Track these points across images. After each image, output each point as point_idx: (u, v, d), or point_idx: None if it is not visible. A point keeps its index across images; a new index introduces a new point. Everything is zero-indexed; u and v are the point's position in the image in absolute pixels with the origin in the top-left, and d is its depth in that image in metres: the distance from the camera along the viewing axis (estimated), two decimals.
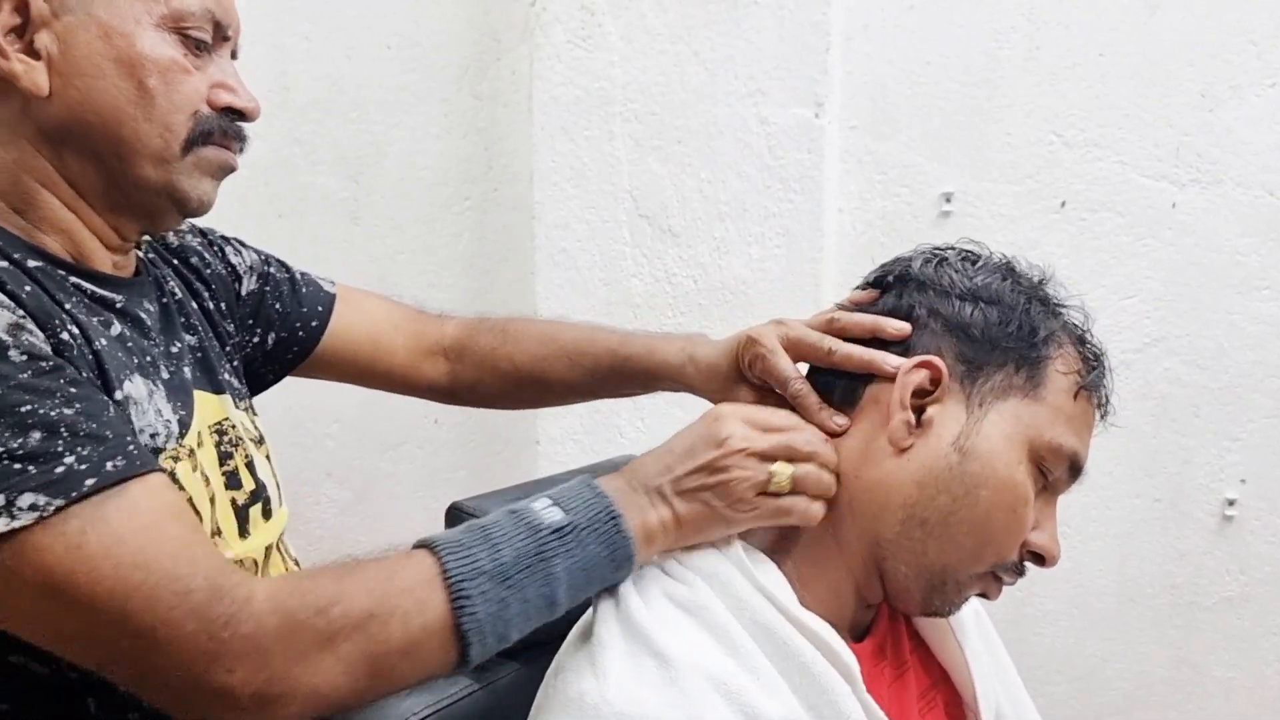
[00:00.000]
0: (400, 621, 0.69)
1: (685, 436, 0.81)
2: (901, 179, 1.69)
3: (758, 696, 0.73)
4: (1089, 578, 1.74)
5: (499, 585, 0.71)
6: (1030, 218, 1.68)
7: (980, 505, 0.80)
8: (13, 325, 0.69)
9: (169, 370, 0.88)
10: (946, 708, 0.92)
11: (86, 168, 0.81)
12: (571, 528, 0.74)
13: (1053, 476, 0.82)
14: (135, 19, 0.79)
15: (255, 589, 0.68)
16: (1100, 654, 1.77)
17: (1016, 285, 0.85)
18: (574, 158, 1.61)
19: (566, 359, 1.08)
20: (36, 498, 0.65)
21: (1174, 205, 1.65)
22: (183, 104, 0.82)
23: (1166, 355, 1.69)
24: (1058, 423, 0.81)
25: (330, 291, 1.12)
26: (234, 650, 0.66)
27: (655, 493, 0.78)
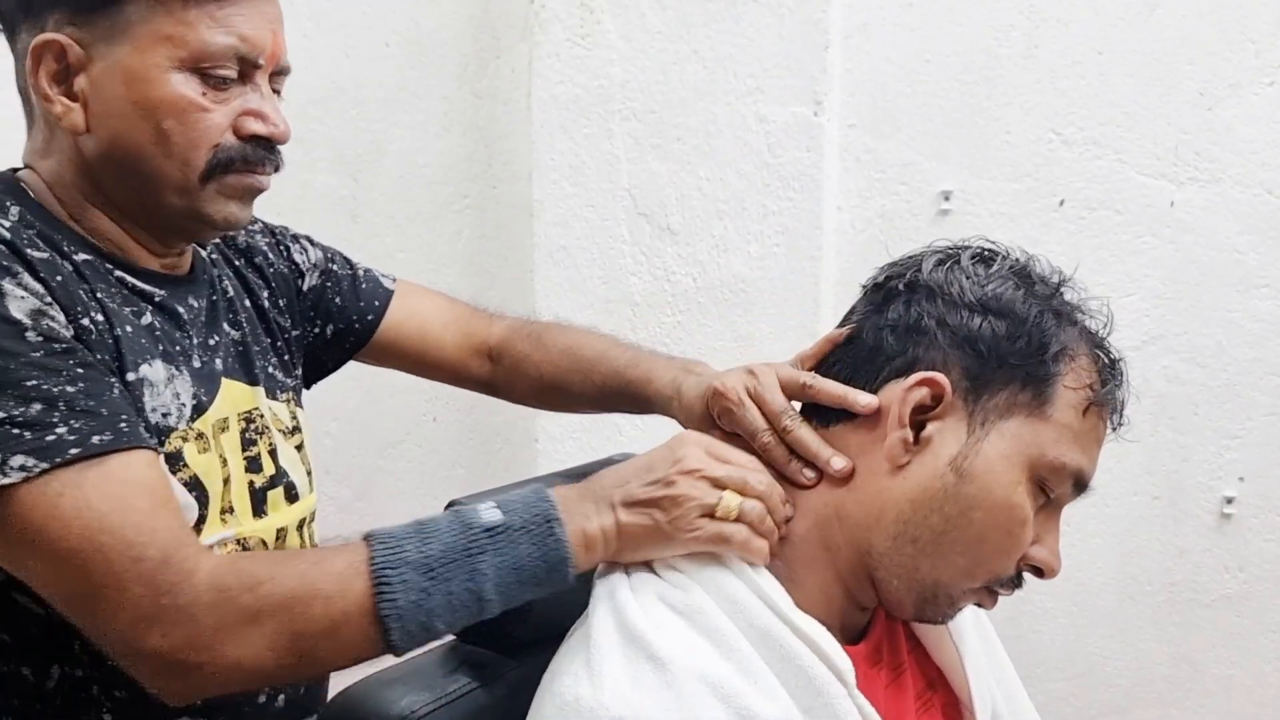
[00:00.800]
0: (322, 603, 0.75)
1: (646, 455, 0.83)
2: (900, 177, 1.69)
3: (755, 699, 0.73)
4: (1088, 575, 1.75)
5: (422, 576, 0.75)
6: (1029, 216, 1.68)
7: (974, 526, 0.79)
8: (35, 310, 0.78)
9: (202, 359, 0.95)
10: (944, 708, 0.92)
11: (123, 193, 0.89)
12: (504, 528, 0.78)
13: (1055, 493, 0.81)
14: (157, 64, 0.85)
15: (201, 564, 0.75)
16: (1100, 651, 1.77)
17: (1030, 294, 0.82)
18: (573, 156, 1.61)
19: (581, 374, 1.14)
20: (26, 460, 0.74)
21: (1172, 203, 1.65)
22: (200, 140, 0.87)
23: (1165, 353, 1.69)
24: (1063, 441, 0.79)
25: (389, 288, 1.20)
26: (170, 617, 0.74)
27: (604, 501, 0.81)
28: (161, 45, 0.85)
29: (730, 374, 0.93)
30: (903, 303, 0.84)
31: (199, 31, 0.86)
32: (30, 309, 0.78)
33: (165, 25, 0.85)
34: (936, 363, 0.81)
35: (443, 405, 1.87)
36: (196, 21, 0.86)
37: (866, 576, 0.83)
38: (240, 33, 0.88)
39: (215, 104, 0.88)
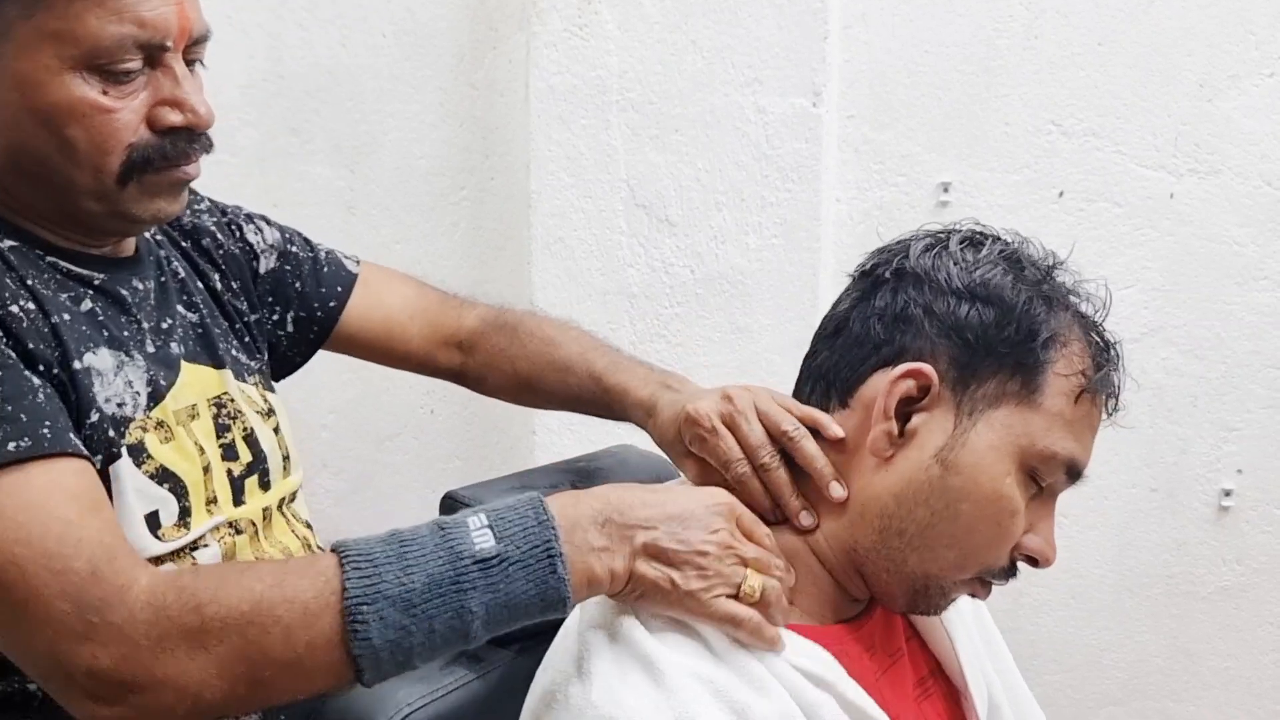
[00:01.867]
0: (281, 632, 0.67)
1: (682, 503, 0.76)
2: (899, 168, 1.68)
3: (747, 694, 0.72)
4: (1086, 567, 1.75)
5: (401, 613, 0.67)
6: (1028, 207, 1.67)
7: (962, 519, 0.78)
8: None
9: (155, 344, 0.89)
10: (944, 698, 0.92)
11: (36, 198, 0.82)
12: (500, 560, 0.69)
13: (1047, 482, 0.80)
14: (46, 66, 0.76)
15: (137, 578, 0.68)
16: (1097, 643, 1.77)
17: (1019, 280, 0.80)
18: (570, 147, 1.61)
19: (558, 374, 1.09)
20: None
21: (1172, 195, 1.65)
22: (108, 144, 0.79)
23: (1164, 345, 1.69)
24: (1054, 429, 0.78)
25: (352, 271, 1.13)
26: (101, 636, 0.66)
27: (624, 541, 0.73)
28: (47, 44, 0.75)
29: (705, 398, 0.88)
30: (890, 290, 0.82)
31: (87, 24, 0.75)
32: None
33: (48, 21, 0.75)
34: (924, 352, 0.79)
35: (440, 398, 1.87)
36: (83, 13, 0.75)
37: (855, 571, 0.83)
38: (137, 17, 0.77)
39: (120, 101, 0.78)
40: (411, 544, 0.69)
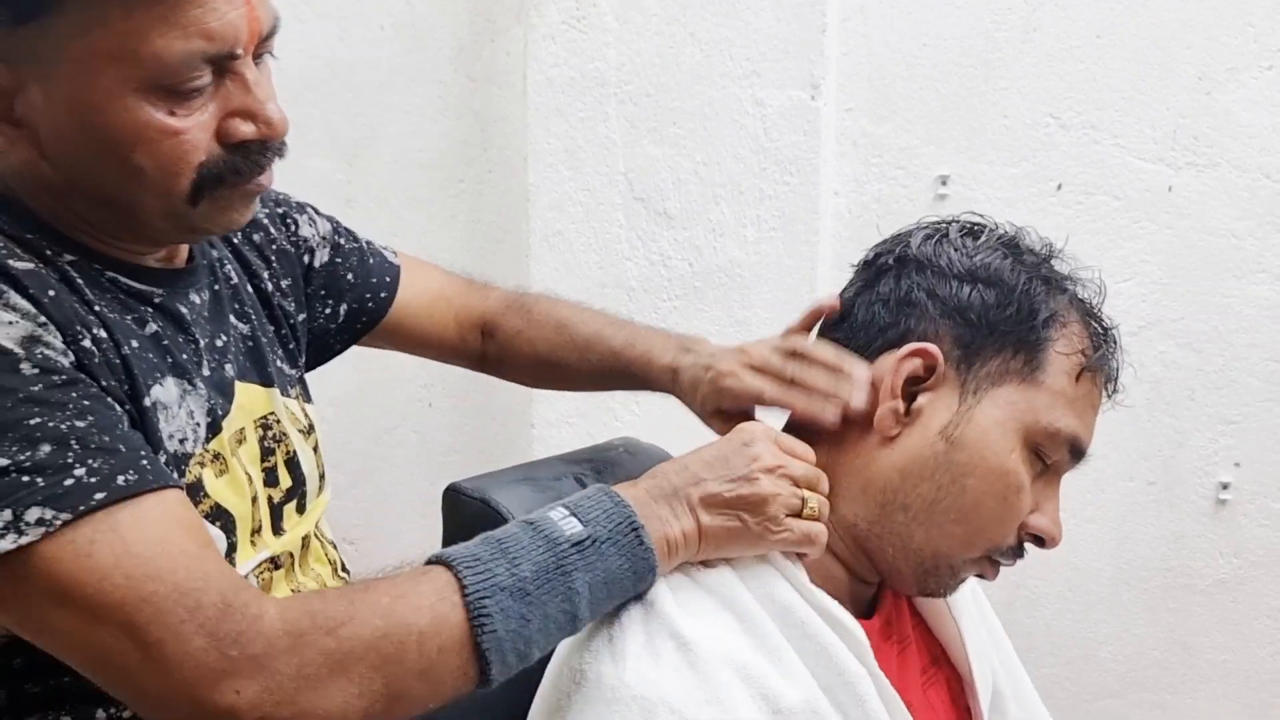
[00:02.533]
0: (416, 641, 0.67)
1: (713, 449, 0.79)
2: (897, 161, 1.68)
3: (776, 681, 0.73)
4: (1084, 560, 1.75)
5: (519, 601, 0.69)
6: (1026, 200, 1.67)
7: (968, 494, 0.79)
8: (27, 338, 0.67)
9: (211, 365, 0.85)
10: (948, 684, 0.93)
11: (100, 216, 0.77)
12: (591, 540, 0.72)
13: (1052, 460, 0.81)
14: (106, 89, 0.69)
15: (266, 608, 0.66)
16: (1095, 636, 1.77)
17: (1018, 263, 0.83)
18: (569, 139, 1.61)
19: (578, 352, 1.08)
20: (44, 511, 0.63)
21: (1170, 188, 1.65)
22: (178, 167, 0.73)
23: (1162, 338, 1.69)
24: (1056, 406, 0.80)
25: (395, 262, 1.12)
26: (242, 669, 0.64)
27: (679, 503, 0.76)
28: (107, 65, 0.68)
29: (724, 357, 0.92)
30: (893, 277, 0.85)
31: (150, 43, 0.68)
32: (22, 335, 0.66)
33: (106, 40, 0.68)
34: (928, 334, 0.82)
35: (438, 391, 1.87)
36: (146, 30, 0.68)
37: (860, 549, 0.84)
38: (204, 30, 0.70)
39: (188, 119, 0.72)
40: (508, 540, 0.71)
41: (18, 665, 0.76)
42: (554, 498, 0.92)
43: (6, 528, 0.63)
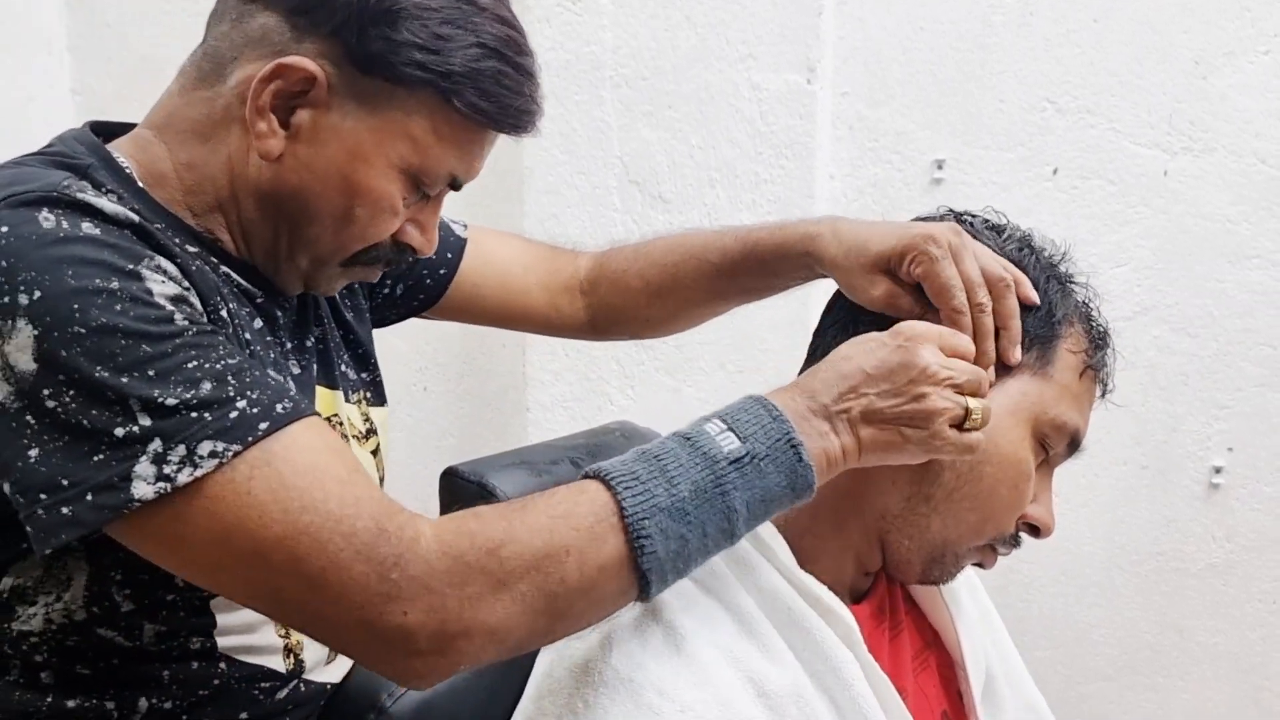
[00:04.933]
0: (576, 561, 0.67)
1: (871, 355, 0.75)
2: (893, 145, 1.68)
3: (764, 665, 0.74)
4: (1077, 545, 1.75)
5: (678, 522, 0.68)
6: (1022, 185, 1.67)
7: (984, 481, 0.80)
8: (176, 296, 0.69)
9: (300, 365, 0.88)
10: (939, 669, 0.93)
11: (261, 227, 0.82)
12: (750, 457, 0.70)
13: (1053, 451, 0.83)
14: (386, 156, 0.79)
15: (421, 529, 0.67)
16: (1087, 620, 1.78)
17: (1037, 261, 0.85)
18: (564, 123, 1.60)
19: (695, 260, 1.04)
20: (215, 444, 0.65)
21: (1166, 173, 1.65)
22: (372, 237, 0.82)
23: (1156, 323, 1.69)
24: (1063, 400, 0.81)
25: (461, 236, 1.11)
26: (406, 592, 0.65)
27: (839, 417, 0.74)
28: (402, 141, 0.78)
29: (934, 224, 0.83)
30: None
31: (440, 153, 0.80)
32: (172, 293, 0.69)
33: (418, 128, 0.78)
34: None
35: (433, 375, 1.87)
36: (447, 141, 0.79)
37: (877, 540, 0.84)
38: (471, 166, 0.83)
39: (405, 210, 0.82)
40: (666, 458, 0.70)
41: (71, 644, 0.78)
42: (551, 481, 0.92)
43: (181, 463, 0.65)
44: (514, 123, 0.81)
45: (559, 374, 1.66)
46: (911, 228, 0.83)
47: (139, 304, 0.67)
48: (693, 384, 1.66)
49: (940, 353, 0.75)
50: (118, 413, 0.65)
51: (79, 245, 0.67)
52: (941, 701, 0.92)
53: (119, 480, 0.64)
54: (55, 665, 0.78)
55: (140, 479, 0.65)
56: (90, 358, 0.65)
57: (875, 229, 0.86)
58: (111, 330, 0.65)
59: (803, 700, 0.74)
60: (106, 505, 0.65)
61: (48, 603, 0.77)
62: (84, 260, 0.66)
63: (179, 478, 0.65)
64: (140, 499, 0.64)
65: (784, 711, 0.73)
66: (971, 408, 0.75)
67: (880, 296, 0.83)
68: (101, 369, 0.65)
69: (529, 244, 1.16)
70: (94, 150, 0.78)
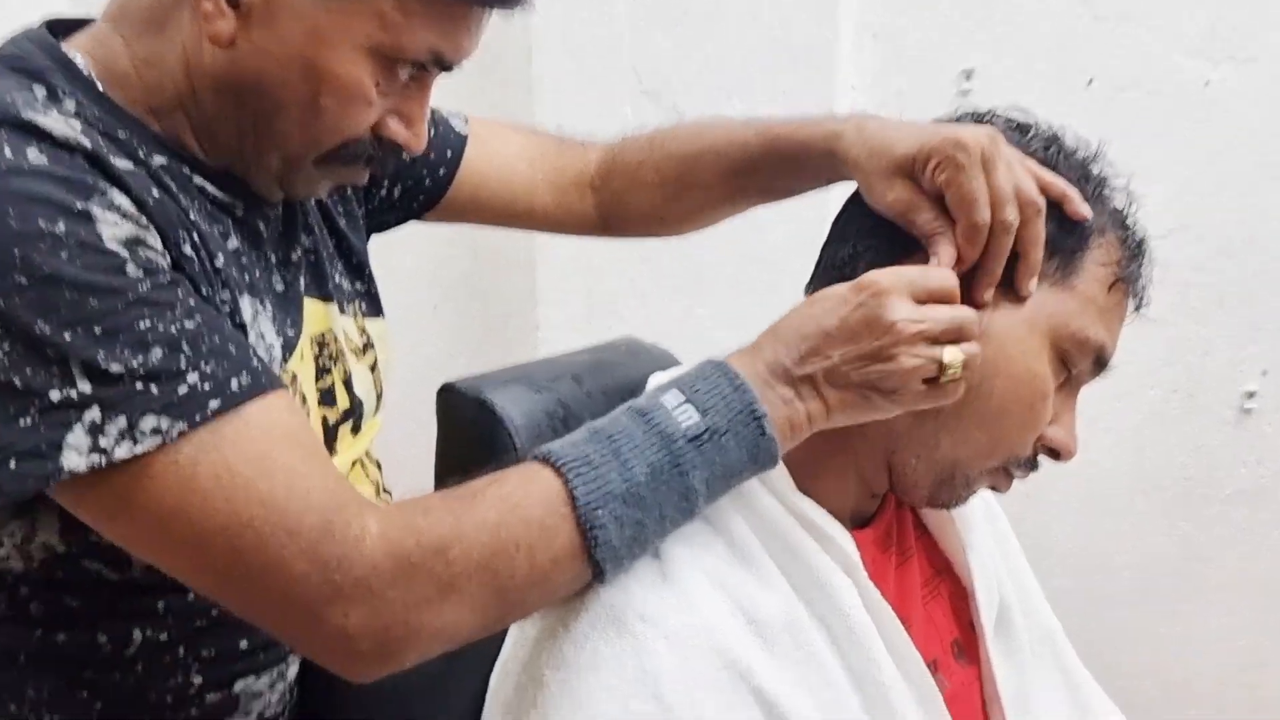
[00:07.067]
0: (526, 556, 0.65)
1: (831, 313, 0.70)
2: (919, 55, 1.60)
3: (755, 590, 0.71)
4: (1100, 470, 1.71)
5: (633, 507, 0.66)
6: (1055, 96, 1.59)
7: (994, 397, 0.75)
8: (131, 239, 0.64)
9: (285, 281, 0.83)
10: (950, 598, 0.90)
11: (223, 125, 0.75)
12: (710, 433, 0.67)
13: (1076, 369, 0.78)
14: (352, 36, 0.71)
15: (368, 526, 0.64)
16: (1109, 546, 1.75)
17: (1067, 161, 0.78)
18: (574, 31, 1.54)
19: (713, 154, 0.96)
20: (159, 420, 0.62)
21: (1207, 83, 1.56)
22: (345, 130, 0.75)
23: (1192, 242, 1.62)
24: (1087, 313, 0.76)
25: (461, 133, 1.04)
26: (348, 594, 0.63)
27: (803, 381, 0.69)
28: (368, 19, 0.70)
29: (968, 127, 0.75)
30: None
31: (414, 30, 0.71)
32: (126, 236, 0.64)
33: (385, 3, 0.70)
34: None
35: (443, 294, 1.84)
36: (419, 16, 0.71)
37: (884, 460, 0.80)
38: (457, 44, 0.74)
39: (380, 98, 0.74)
40: (619, 438, 0.67)
41: (59, 578, 0.75)
42: (551, 399, 0.89)
43: (121, 436, 0.61)
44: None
45: (570, 293, 1.63)
46: (941, 129, 0.75)
47: (88, 251, 0.61)
48: (705, 303, 1.62)
49: (910, 302, 0.70)
50: (55, 374, 0.60)
51: (23, 179, 0.62)
52: (952, 630, 0.89)
53: (47, 448, 0.61)
54: (43, 597, 0.76)
55: (72, 449, 0.61)
56: (31, 309, 0.60)
57: (903, 129, 0.79)
58: (56, 281, 0.60)
59: (796, 628, 0.71)
60: (31, 474, 0.61)
61: (15, 544, 0.74)
62: (29, 197, 0.61)
63: (116, 451, 0.61)
64: (70, 470, 0.61)
65: (775, 639, 0.70)
66: (945, 361, 0.70)
67: (894, 201, 0.76)
68: (43, 322, 0.60)
69: (535, 137, 1.09)
70: (49, 51, 0.72)
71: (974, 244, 0.73)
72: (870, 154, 0.79)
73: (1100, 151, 0.81)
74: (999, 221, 0.72)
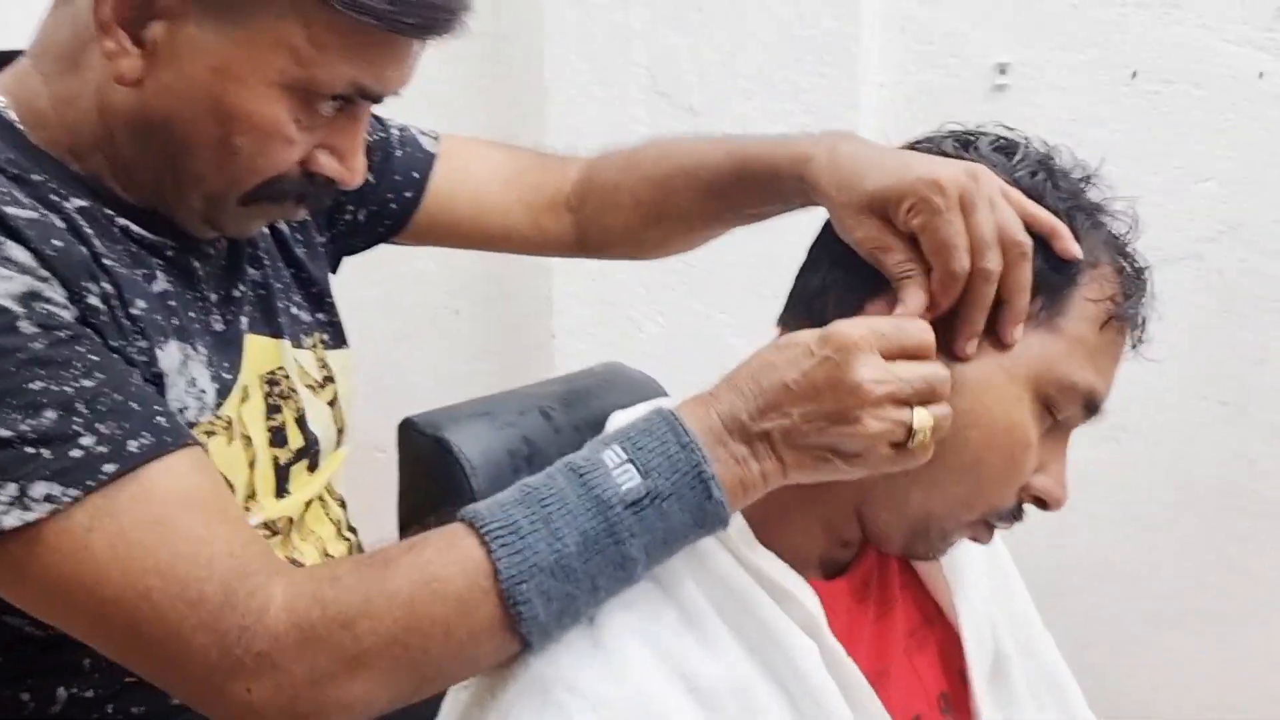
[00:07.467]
0: (443, 632, 0.62)
1: (794, 365, 0.64)
2: (949, 48, 1.53)
3: (699, 658, 0.67)
4: (1141, 483, 1.63)
5: (562, 581, 0.62)
6: (1095, 90, 1.51)
7: (970, 448, 0.70)
8: (26, 294, 0.62)
9: (225, 321, 0.81)
10: (940, 646, 0.85)
11: (140, 165, 0.73)
12: (650, 497, 0.63)
13: (1062, 415, 0.72)
14: (263, 73, 0.68)
15: (273, 595, 0.62)
16: (1149, 564, 1.67)
17: (1056, 189, 0.72)
18: (585, 30, 1.51)
19: (685, 176, 0.92)
20: (51, 486, 0.60)
21: (1261, 75, 1.47)
22: (265, 169, 0.72)
23: (1242, 244, 1.53)
24: (1075, 356, 0.71)
25: (430, 152, 1.00)
26: (249, 668, 0.60)
27: (759, 438, 0.65)
28: (278, 53, 0.67)
29: (945, 165, 0.69)
30: None
31: (330, 63, 0.68)
32: (20, 291, 0.61)
33: (295, 35, 0.67)
34: None
35: (464, 299, 1.82)
36: (334, 48, 0.67)
37: (853, 511, 0.75)
38: (381, 74, 0.70)
39: (302, 132, 0.71)
40: (551, 500, 0.63)
41: None
42: (515, 436, 0.86)
43: (12, 503, 0.59)
44: (416, 22, 0.68)
45: (584, 299, 1.60)
46: (915, 168, 0.70)
47: None
48: (724, 309, 1.58)
49: (878, 360, 0.64)
50: None
51: None
52: (940, 683, 0.84)
53: None
54: None
55: None
56: None
57: (876, 161, 0.73)
58: None
59: (745, 694, 0.67)
60: None
61: None
62: None
63: (5, 520, 0.59)
64: None
65: (719, 706, 0.66)
66: (915, 427, 0.64)
67: (862, 239, 0.71)
68: None
69: (511, 154, 1.05)
70: None
71: (950, 293, 0.68)
72: (839, 186, 0.74)
73: (1096, 173, 0.75)
74: (979, 269, 0.67)
